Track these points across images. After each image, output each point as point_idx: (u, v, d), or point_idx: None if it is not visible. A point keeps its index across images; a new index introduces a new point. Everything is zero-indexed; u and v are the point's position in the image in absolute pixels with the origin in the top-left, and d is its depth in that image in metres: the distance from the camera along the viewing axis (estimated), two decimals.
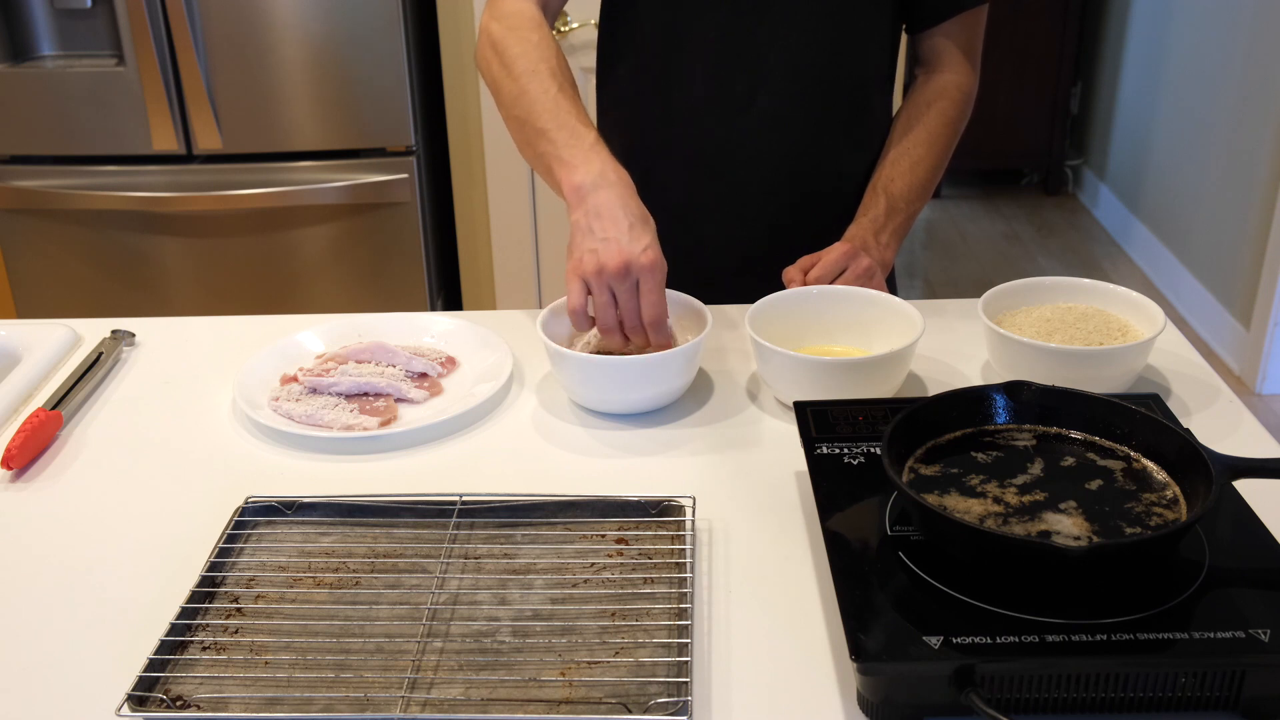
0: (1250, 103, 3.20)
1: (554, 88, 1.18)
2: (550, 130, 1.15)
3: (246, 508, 0.96)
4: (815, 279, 1.23)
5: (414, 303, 2.73)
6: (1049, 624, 0.74)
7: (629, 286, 1.07)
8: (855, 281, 1.23)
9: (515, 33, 1.23)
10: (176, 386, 1.22)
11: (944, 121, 1.36)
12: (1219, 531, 0.83)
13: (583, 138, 1.14)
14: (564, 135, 1.14)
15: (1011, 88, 4.33)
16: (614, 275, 1.06)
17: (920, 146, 1.35)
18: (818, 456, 0.95)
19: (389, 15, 2.49)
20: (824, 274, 1.23)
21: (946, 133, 1.37)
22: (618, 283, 1.07)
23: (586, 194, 1.09)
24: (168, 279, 2.71)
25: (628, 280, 1.07)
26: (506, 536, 0.93)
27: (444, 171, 2.84)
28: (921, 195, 1.36)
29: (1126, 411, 0.90)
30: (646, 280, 1.07)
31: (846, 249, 1.25)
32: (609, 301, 1.08)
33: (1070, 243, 4.22)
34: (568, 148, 1.13)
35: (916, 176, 1.34)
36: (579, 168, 1.11)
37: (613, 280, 1.07)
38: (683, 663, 0.78)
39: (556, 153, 1.14)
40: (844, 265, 1.24)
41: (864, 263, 1.24)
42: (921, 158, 1.35)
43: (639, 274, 1.07)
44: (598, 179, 1.10)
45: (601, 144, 1.14)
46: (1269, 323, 3.07)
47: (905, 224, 1.35)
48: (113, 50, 2.55)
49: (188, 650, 0.81)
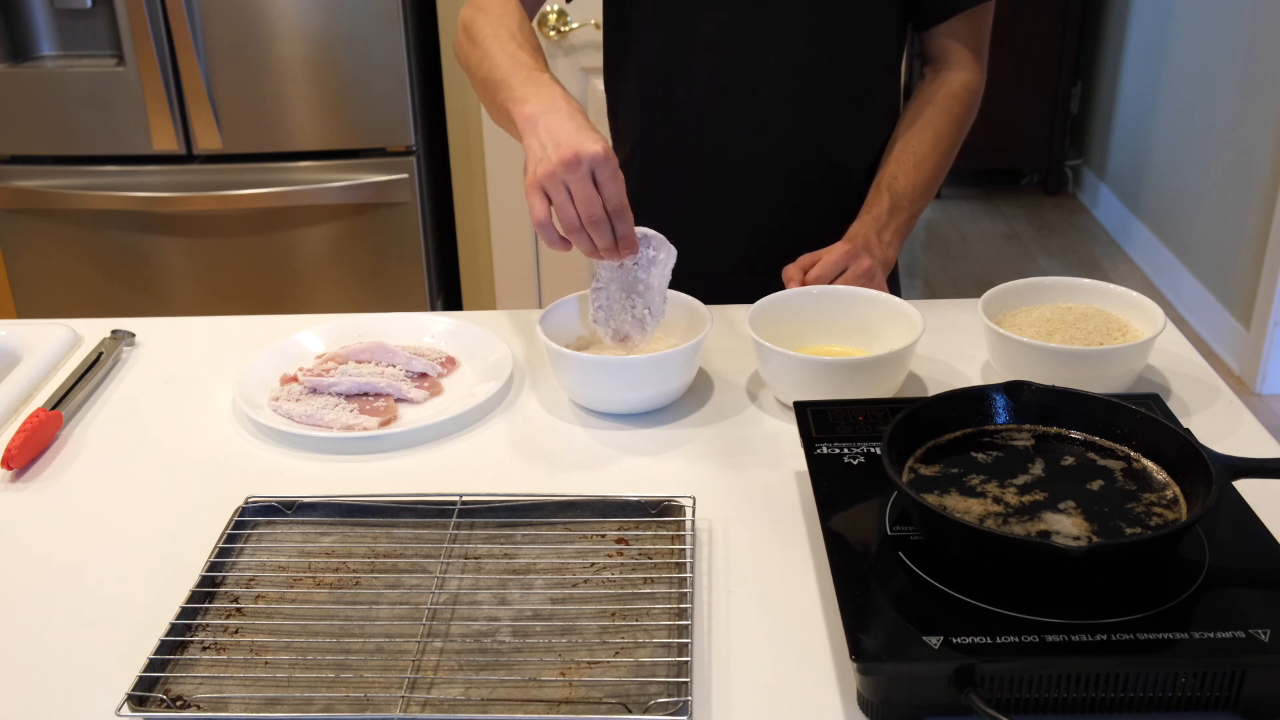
0: (1250, 103, 3.20)
1: (513, 45, 1.19)
2: (507, 78, 1.16)
3: (246, 508, 0.96)
4: (815, 279, 1.23)
5: (414, 303, 2.73)
6: (1049, 624, 0.74)
7: (582, 177, 1.04)
8: (855, 282, 1.23)
9: (482, 12, 1.26)
10: (176, 386, 1.22)
11: (950, 119, 1.36)
12: (1219, 531, 0.83)
13: (536, 78, 1.14)
14: (518, 78, 1.15)
15: (1011, 88, 4.33)
16: (565, 167, 1.03)
17: (925, 144, 1.35)
18: (818, 456, 0.95)
19: (389, 15, 2.49)
20: (824, 274, 1.23)
21: (952, 131, 1.37)
22: (570, 174, 1.04)
23: (537, 119, 1.08)
24: (168, 279, 2.71)
25: (579, 170, 1.03)
26: (506, 536, 0.93)
27: (444, 171, 2.84)
28: (925, 193, 1.35)
29: (1126, 411, 0.90)
30: (601, 170, 1.04)
31: (847, 249, 1.25)
32: (566, 199, 1.05)
33: (1070, 243, 4.22)
34: (521, 87, 1.13)
35: (921, 175, 1.34)
36: (530, 100, 1.11)
37: (565, 175, 1.04)
38: (683, 663, 0.78)
39: (511, 94, 1.14)
40: (844, 265, 1.24)
41: (864, 263, 1.24)
42: (926, 155, 1.35)
43: (590, 164, 1.04)
44: (548, 106, 1.09)
45: (556, 82, 1.14)
46: (1269, 323, 3.07)
47: (909, 222, 1.35)
48: (113, 50, 2.55)
49: (188, 650, 0.81)
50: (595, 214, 1.05)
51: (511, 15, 1.25)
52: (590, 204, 1.05)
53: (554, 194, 1.05)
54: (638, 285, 1.14)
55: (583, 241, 1.07)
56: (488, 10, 1.26)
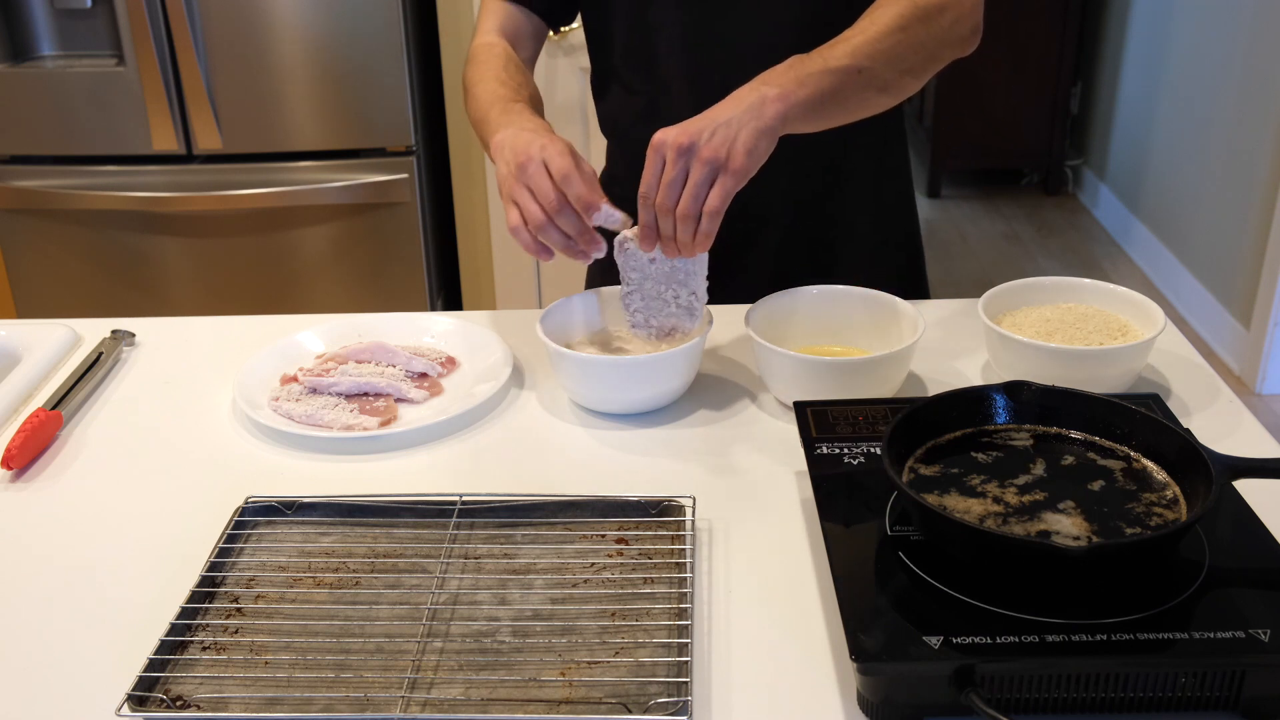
0: (1250, 103, 3.20)
1: (495, 84, 1.25)
2: (486, 114, 1.21)
3: (246, 508, 0.96)
4: (661, 205, 1.05)
5: (414, 303, 2.73)
6: (1049, 624, 0.74)
7: (536, 172, 1.06)
8: (701, 173, 1.04)
9: (473, 63, 1.32)
10: (176, 386, 1.22)
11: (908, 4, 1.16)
12: (1219, 531, 0.83)
13: (509, 108, 1.19)
14: (495, 112, 1.19)
15: (1011, 88, 4.33)
16: (520, 169, 1.07)
17: (864, 20, 1.17)
18: (818, 456, 0.95)
19: (389, 15, 2.49)
20: (650, 191, 1.05)
21: (906, 12, 1.16)
22: (525, 175, 1.07)
23: (504, 143, 1.12)
24: (168, 279, 2.71)
25: (531, 167, 1.07)
26: (506, 536, 0.93)
27: (444, 171, 2.84)
28: (853, 54, 1.12)
29: (1126, 411, 0.90)
30: (552, 161, 1.06)
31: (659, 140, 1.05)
32: (529, 198, 1.07)
33: (1070, 243, 4.22)
34: (496, 119, 1.18)
35: (850, 39, 1.14)
36: (501, 128, 1.15)
37: (522, 176, 1.07)
38: (683, 663, 0.78)
39: (488, 127, 1.19)
40: (662, 170, 1.05)
41: (704, 154, 1.04)
42: (863, 28, 1.15)
43: (540, 157, 1.07)
44: (514, 131, 1.12)
45: (529, 111, 1.18)
46: (1269, 323, 3.07)
47: (820, 76, 1.10)
48: (113, 50, 2.55)
49: (188, 650, 0.81)
50: (553, 203, 1.06)
51: (497, 58, 1.30)
52: (547, 194, 1.06)
53: (518, 197, 1.08)
54: (678, 274, 1.11)
55: (552, 235, 1.08)
56: (477, 58, 1.32)
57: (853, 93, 1.13)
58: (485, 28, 1.37)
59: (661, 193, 1.04)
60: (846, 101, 1.14)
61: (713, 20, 1.31)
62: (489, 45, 1.34)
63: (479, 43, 1.35)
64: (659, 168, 1.04)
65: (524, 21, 1.38)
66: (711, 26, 1.31)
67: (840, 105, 1.13)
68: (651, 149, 1.05)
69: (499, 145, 1.13)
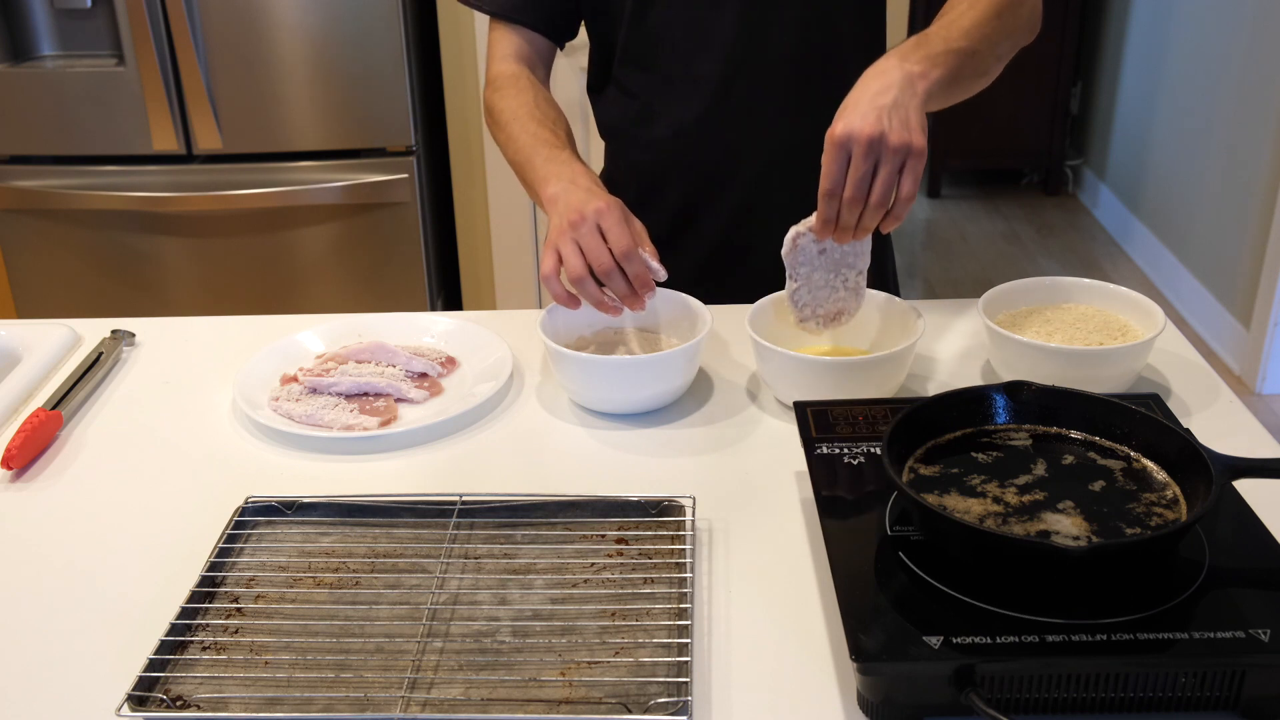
0: (1250, 103, 3.20)
1: (533, 125, 1.27)
2: (530, 159, 1.24)
3: (246, 508, 0.96)
4: (850, 199, 1.05)
5: (414, 303, 2.73)
6: (1049, 624, 0.74)
7: (588, 230, 1.10)
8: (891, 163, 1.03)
9: (499, 92, 1.34)
10: (176, 386, 1.22)
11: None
12: (1219, 531, 0.83)
13: (556, 156, 1.21)
14: (540, 158, 1.22)
15: (1011, 88, 4.31)
16: (572, 226, 1.10)
17: (962, 4, 1.17)
18: (818, 456, 0.95)
19: (389, 15, 2.49)
20: (836, 188, 1.04)
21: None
22: (577, 231, 1.10)
23: (558, 197, 1.15)
24: (168, 279, 2.71)
25: (584, 225, 1.10)
26: (506, 536, 0.93)
27: (444, 171, 2.84)
28: (965, 36, 1.13)
29: (1126, 411, 0.90)
30: (605, 219, 1.10)
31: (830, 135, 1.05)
32: (574, 251, 1.10)
33: (1070, 243, 4.22)
34: (543, 167, 1.21)
35: (958, 20, 1.14)
36: (551, 180, 1.17)
37: (573, 232, 1.10)
38: (683, 663, 0.78)
39: (535, 174, 1.22)
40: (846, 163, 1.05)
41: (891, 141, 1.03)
42: (964, 12, 1.16)
43: (595, 217, 1.10)
44: (567, 185, 1.15)
45: (575, 158, 1.21)
46: (1269, 323, 3.07)
47: (946, 56, 1.10)
48: (113, 50, 2.55)
49: (188, 650, 0.81)
50: (603, 262, 1.10)
51: (525, 90, 1.32)
52: (598, 254, 1.10)
53: (564, 249, 1.10)
54: (847, 257, 1.12)
55: (587, 290, 1.11)
56: (504, 90, 1.33)
57: (966, 75, 1.15)
58: (500, 54, 1.38)
59: (853, 189, 1.04)
60: (961, 83, 1.15)
61: (713, 24, 1.31)
62: (513, 76, 1.34)
63: (500, 71, 1.36)
64: (844, 162, 1.04)
65: (534, 43, 1.38)
66: (712, 30, 1.31)
67: (957, 86, 1.14)
68: (834, 145, 1.04)
69: (552, 200, 1.16)
